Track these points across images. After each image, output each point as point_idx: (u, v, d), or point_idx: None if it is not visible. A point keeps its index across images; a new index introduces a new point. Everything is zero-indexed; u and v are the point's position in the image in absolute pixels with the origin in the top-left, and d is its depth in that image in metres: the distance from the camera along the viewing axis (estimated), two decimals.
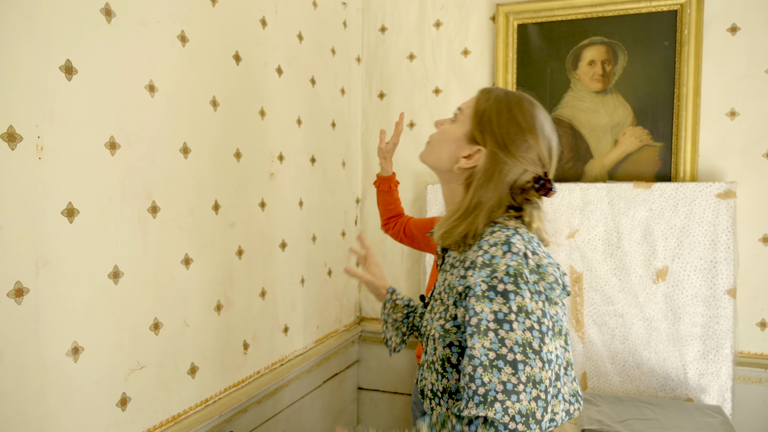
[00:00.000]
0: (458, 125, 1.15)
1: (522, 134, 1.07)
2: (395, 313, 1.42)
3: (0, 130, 1.30)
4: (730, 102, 2.46)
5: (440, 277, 1.16)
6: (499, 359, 0.94)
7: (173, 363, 1.82)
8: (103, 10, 1.54)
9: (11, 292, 1.33)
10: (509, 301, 0.95)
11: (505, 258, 0.98)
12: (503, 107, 1.09)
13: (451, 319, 1.06)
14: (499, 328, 0.95)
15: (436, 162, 1.17)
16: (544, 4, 2.64)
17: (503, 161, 1.07)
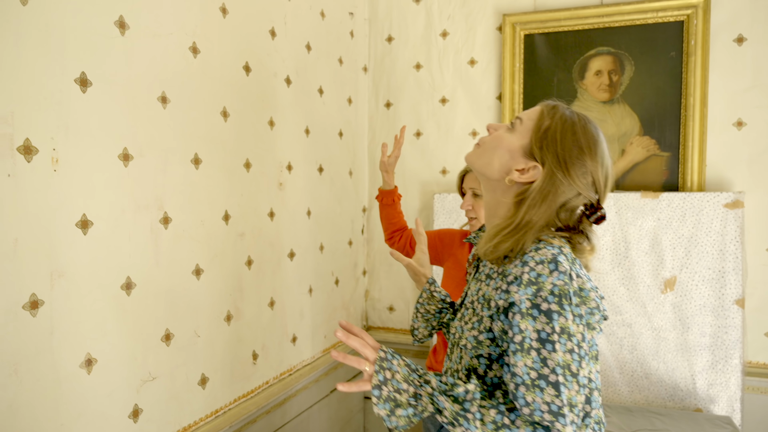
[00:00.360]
0: (516, 136, 1.12)
1: (582, 157, 1.05)
2: (429, 304, 1.41)
3: (17, 143, 1.30)
4: (737, 112, 2.47)
5: (473, 285, 1.15)
6: (540, 379, 0.93)
7: (184, 374, 1.81)
8: (117, 22, 1.55)
9: (26, 304, 1.33)
10: (552, 321, 0.95)
11: (551, 277, 0.97)
12: (568, 127, 1.07)
13: (485, 331, 1.05)
14: (542, 348, 0.94)
15: (485, 168, 1.14)
16: (551, 15, 2.66)
17: (560, 182, 1.05)
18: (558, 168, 1.05)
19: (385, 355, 1.02)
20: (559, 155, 1.05)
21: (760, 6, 2.41)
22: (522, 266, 1.00)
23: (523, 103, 2.74)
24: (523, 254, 1.03)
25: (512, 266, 1.03)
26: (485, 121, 2.85)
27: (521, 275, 0.99)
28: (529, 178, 1.09)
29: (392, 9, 2.99)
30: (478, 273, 1.17)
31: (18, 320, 1.31)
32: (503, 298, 1.01)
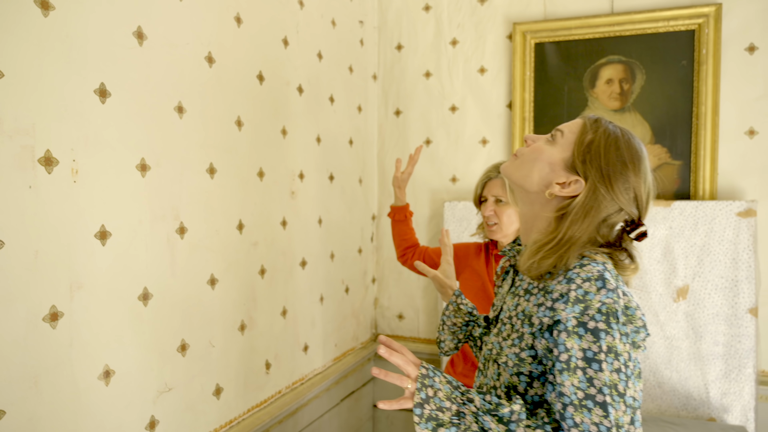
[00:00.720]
0: (557, 148, 1.10)
1: (626, 172, 1.04)
2: (456, 317, 1.39)
3: (38, 154, 1.30)
4: (748, 121, 2.46)
5: (510, 300, 1.13)
6: (587, 399, 0.92)
7: (199, 384, 1.81)
8: (135, 33, 1.55)
9: (47, 316, 1.32)
10: (599, 340, 0.93)
11: (599, 294, 0.95)
12: (612, 142, 1.05)
13: (527, 348, 1.04)
14: (588, 367, 0.93)
15: (524, 180, 1.12)
16: (561, 23, 2.66)
17: (602, 197, 1.03)
18: (601, 183, 1.03)
19: (427, 372, 1.01)
20: (602, 170, 1.03)
21: None
22: (567, 283, 0.99)
23: (534, 112, 2.74)
24: (567, 270, 1.01)
25: (555, 282, 1.01)
26: (495, 129, 2.85)
27: (568, 292, 0.97)
28: (571, 193, 1.07)
29: (402, 17, 2.99)
30: (514, 287, 1.15)
31: (38, 332, 1.30)
32: (548, 315, 0.99)
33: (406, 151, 3.02)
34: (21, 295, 1.26)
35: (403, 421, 3.05)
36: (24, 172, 1.27)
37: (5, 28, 1.23)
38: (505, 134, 2.84)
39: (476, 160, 2.89)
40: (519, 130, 2.75)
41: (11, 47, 1.24)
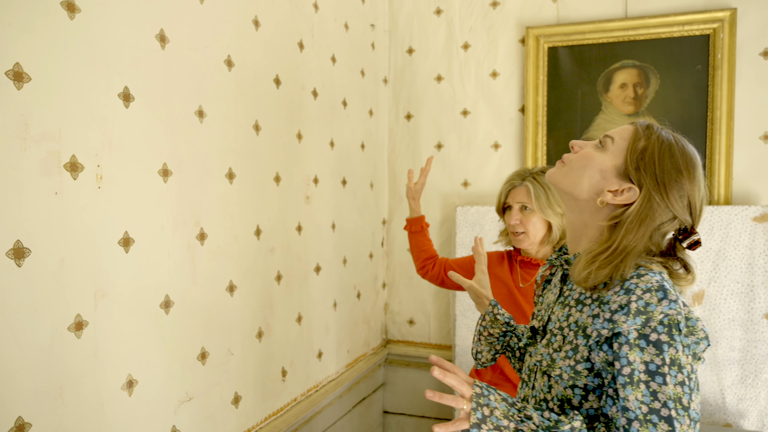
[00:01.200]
0: (608, 155, 1.08)
1: (680, 180, 1.02)
2: (493, 327, 1.36)
3: (64, 160, 1.27)
4: (763, 125, 2.46)
5: (559, 310, 1.10)
6: (652, 413, 0.90)
7: (219, 393, 1.78)
8: (158, 36, 1.53)
9: (72, 325, 1.29)
10: (663, 352, 0.92)
11: (660, 306, 0.93)
12: (666, 148, 1.03)
13: (582, 361, 1.01)
14: (651, 380, 0.91)
15: (573, 187, 1.10)
16: (575, 28, 2.65)
17: (657, 205, 1.01)
18: (656, 191, 1.01)
19: (481, 391, 0.98)
20: (657, 177, 1.01)
21: None
22: (626, 294, 0.96)
23: (547, 116, 2.72)
24: (623, 280, 0.99)
25: (611, 293, 0.99)
26: (507, 133, 2.84)
27: (628, 304, 0.95)
28: (624, 201, 1.05)
29: (413, 21, 2.98)
30: (563, 297, 1.12)
31: (64, 342, 1.27)
32: (606, 327, 0.97)
33: (417, 156, 3.00)
34: (47, 304, 1.23)
35: (414, 427, 3.03)
36: (50, 178, 1.24)
37: (32, 30, 1.20)
38: (517, 138, 2.82)
39: (488, 165, 2.88)
40: (532, 135, 2.74)
41: (38, 50, 1.21)
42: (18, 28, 1.17)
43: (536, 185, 1.85)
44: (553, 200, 1.83)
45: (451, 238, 2.92)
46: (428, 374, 3.00)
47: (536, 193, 1.83)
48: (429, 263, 2.14)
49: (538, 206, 1.82)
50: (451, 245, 2.92)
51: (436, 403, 2.99)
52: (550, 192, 1.84)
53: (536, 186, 1.85)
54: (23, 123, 1.18)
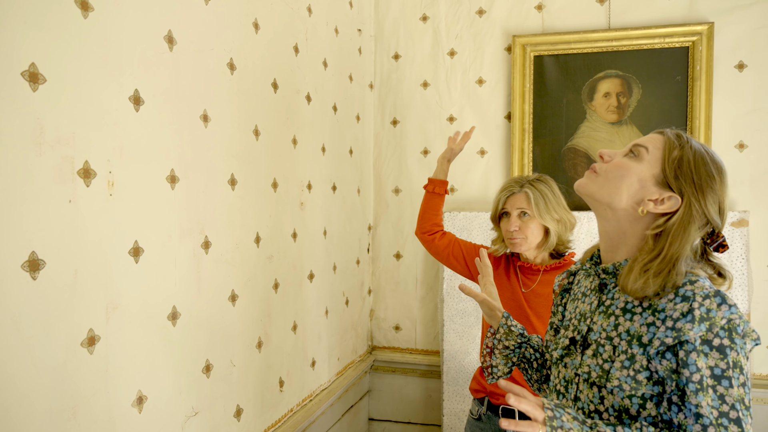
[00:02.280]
0: (645, 164, 1.09)
1: (714, 185, 1.05)
2: (508, 340, 1.35)
3: (77, 166, 1.21)
4: (739, 135, 2.58)
5: (603, 320, 1.10)
6: (722, 417, 0.93)
7: (222, 406, 1.72)
8: (166, 37, 1.48)
9: (84, 340, 1.22)
10: (726, 356, 0.94)
11: (720, 311, 0.95)
12: (700, 156, 1.06)
13: (642, 370, 1.02)
14: (718, 384, 0.94)
15: (611, 197, 1.10)
16: (560, 37, 2.71)
17: (697, 211, 1.04)
18: (695, 198, 1.04)
19: (553, 414, 0.97)
20: (696, 184, 1.04)
21: (759, 35, 2.54)
22: (685, 301, 0.98)
23: (533, 123, 2.77)
24: (676, 287, 1.01)
25: (665, 301, 1.01)
26: (494, 140, 2.87)
27: (690, 311, 0.97)
28: (666, 209, 1.06)
29: (399, 27, 2.98)
30: (604, 306, 1.12)
31: (77, 358, 1.21)
32: (670, 336, 0.98)
33: (403, 161, 3.00)
34: (62, 318, 1.17)
35: None
36: (64, 185, 1.18)
37: (47, 28, 1.14)
38: (503, 145, 2.86)
39: (474, 171, 2.90)
40: (518, 142, 2.78)
41: (52, 49, 1.15)
42: (33, 27, 1.10)
43: (535, 192, 1.87)
44: (551, 207, 1.86)
45: None
46: (414, 380, 3.00)
47: (536, 200, 1.86)
48: (437, 230, 2.10)
49: (537, 212, 1.84)
50: None
51: (423, 409, 2.99)
52: (548, 199, 1.86)
53: (535, 192, 1.87)
54: (38, 127, 1.11)
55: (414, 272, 2.99)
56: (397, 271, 3.02)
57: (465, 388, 2.76)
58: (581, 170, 2.72)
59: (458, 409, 2.78)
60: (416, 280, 2.99)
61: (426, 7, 2.94)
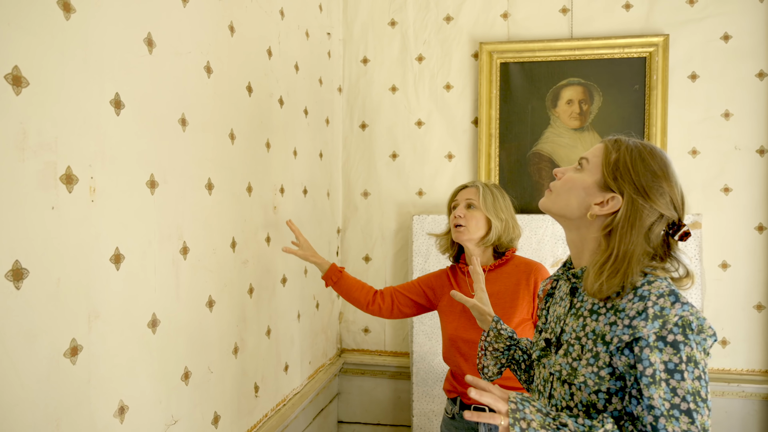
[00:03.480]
0: (586, 174, 1.17)
1: (657, 180, 1.11)
2: (497, 342, 1.41)
3: (60, 172, 1.17)
4: (692, 142, 2.72)
5: (574, 321, 1.16)
6: (674, 408, 0.98)
7: (200, 414, 1.70)
8: (146, 39, 1.45)
9: (67, 351, 1.19)
10: (679, 351, 1.00)
11: (674, 308, 1.02)
12: (636, 155, 1.13)
13: (605, 366, 1.08)
14: (671, 378, 0.99)
15: (565, 209, 1.19)
16: (525, 45, 2.79)
17: (641, 206, 1.10)
18: (637, 194, 1.10)
19: (516, 406, 1.02)
20: (635, 181, 1.11)
21: (710, 47, 2.69)
22: (642, 300, 1.04)
23: (499, 129, 2.84)
24: (634, 288, 1.07)
25: (625, 301, 1.07)
26: (461, 144, 2.93)
27: (645, 310, 1.03)
28: (611, 209, 1.13)
29: (368, 31, 3.00)
30: (574, 308, 1.19)
31: (60, 369, 1.17)
32: (627, 333, 1.04)
33: (371, 165, 3.02)
34: (45, 328, 1.13)
35: None
36: (47, 191, 1.14)
37: (30, 30, 1.10)
38: (470, 149, 2.92)
39: (442, 174, 2.95)
40: (485, 146, 2.85)
41: (36, 52, 1.11)
42: (16, 28, 1.07)
43: (485, 188, 1.98)
44: (498, 206, 1.95)
45: (406, 245, 2.97)
46: (383, 381, 3.02)
47: (484, 194, 1.96)
48: (376, 298, 2.08)
49: (483, 204, 1.92)
50: (407, 253, 2.97)
51: (392, 410, 3.02)
52: (497, 198, 1.96)
53: (485, 189, 1.98)
54: (22, 132, 1.08)
55: (383, 275, 3.02)
56: (367, 273, 3.04)
57: (434, 389, 2.81)
58: (545, 174, 2.81)
59: (428, 409, 2.82)
60: (385, 282, 3.02)
61: (394, 13, 2.97)
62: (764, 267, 2.69)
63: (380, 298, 2.08)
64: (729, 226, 2.70)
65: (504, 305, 1.88)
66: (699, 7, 2.69)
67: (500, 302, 1.88)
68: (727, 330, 2.72)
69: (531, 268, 1.91)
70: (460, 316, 1.95)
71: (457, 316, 1.95)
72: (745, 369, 2.72)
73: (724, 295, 2.71)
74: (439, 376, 2.81)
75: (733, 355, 2.73)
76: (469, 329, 1.89)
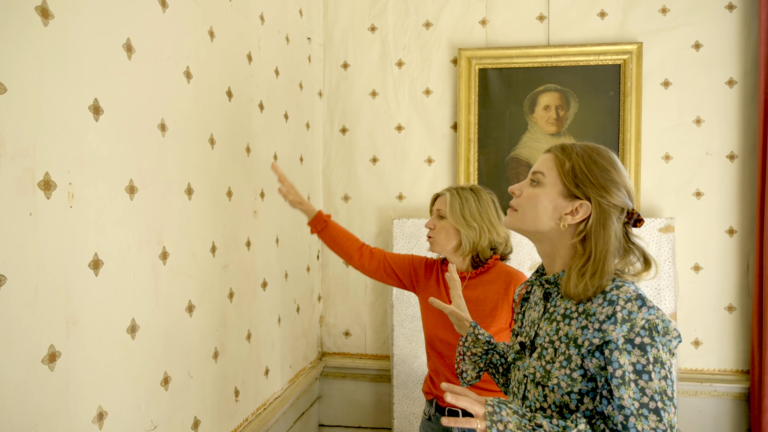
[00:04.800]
0: (547, 187, 1.20)
1: (612, 176, 1.16)
2: (475, 347, 1.43)
3: (37, 178, 1.17)
4: (665, 147, 2.79)
5: (547, 325, 1.19)
6: (643, 407, 1.02)
7: (180, 419, 1.70)
8: (125, 45, 1.45)
9: (45, 357, 1.19)
10: (647, 353, 1.03)
11: (641, 312, 1.05)
12: (588, 159, 1.17)
13: (577, 369, 1.11)
14: (639, 379, 1.03)
15: (535, 225, 1.21)
16: (503, 52, 2.84)
17: (607, 206, 1.14)
18: (601, 195, 1.15)
19: (493, 409, 1.04)
20: (595, 184, 1.15)
21: (682, 55, 2.76)
22: (611, 305, 1.08)
23: (478, 133, 2.88)
24: (605, 293, 1.10)
25: (596, 306, 1.10)
26: (441, 148, 2.96)
27: (614, 314, 1.06)
28: (582, 216, 1.17)
29: (348, 36, 3.02)
30: (548, 313, 1.22)
31: (38, 375, 1.17)
32: (597, 336, 1.08)
33: (352, 169, 3.04)
34: (23, 334, 1.13)
35: None
36: (25, 197, 1.14)
37: (7, 36, 1.10)
38: (450, 154, 2.96)
39: (422, 179, 2.98)
40: (464, 151, 2.88)
41: (13, 57, 1.11)
42: None
43: (454, 196, 1.91)
44: (467, 213, 1.88)
45: (387, 249, 2.99)
46: (364, 384, 3.04)
47: (451, 202, 1.90)
48: (363, 252, 2.05)
49: (451, 214, 1.88)
50: None
51: (373, 413, 3.03)
52: (468, 205, 1.89)
53: (453, 196, 1.91)
54: None
55: (363, 278, 3.03)
56: (347, 277, 3.05)
57: (415, 391, 2.83)
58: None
59: (408, 412, 2.84)
60: (366, 285, 3.03)
61: (374, 18, 3.00)
62: (735, 269, 2.76)
63: (368, 256, 2.06)
64: (701, 229, 2.77)
65: (482, 313, 1.87)
66: (671, 16, 2.76)
67: (479, 310, 1.88)
68: (699, 331, 2.78)
69: (511, 278, 1.88)
70: (439, 314, 1.94)
71: (436, 314, 1.94)
72: (717, 369, 2.79)
73: (697, 296, 2.78)
74: (419, 378, 2.83)
75: (705, 355, 2.79)
76: (446, 329, 1.89)
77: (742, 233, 2.75)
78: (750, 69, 2.70)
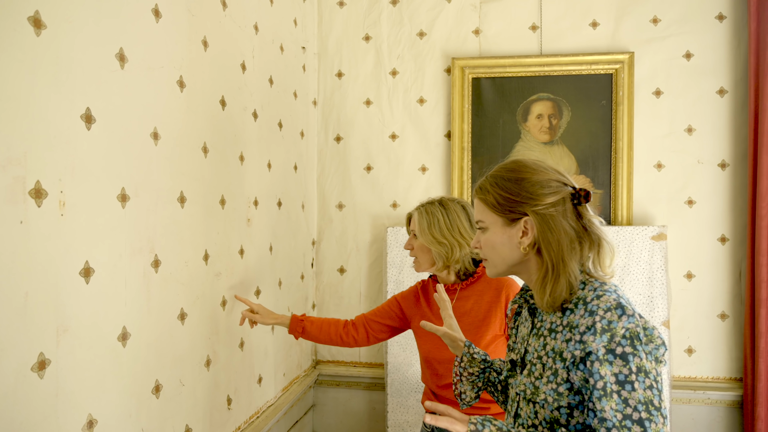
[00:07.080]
0: (492, 226, 1.23)
1: (531, 182, 1.17)
2: (472, 367, 1.43)
3: (29, 186, 1.18)
4: (657, 155, 2.80)
5: (536, 341, 1.20)
6: (626, 419, 1.01)
7: (171, 427, 1.70)
8: (117, 54, 1.47)
9: (35, 365, 1.19)
10: (629, 363, 1.03)
11: (621, 321, 1.05)
12: (501, 181, 1.20)
13: (563, 382, 1.11)
14: (621, 389, 1.02)
15: (506, 262, 1.23)
16: (496, 61, 2.86)
17: (544, 209, 1.15)
18: (531, 204, 1.16)
19: (476, 427, 1.05)
20: (520, 200, 1.17)
21: (673, 65, 2.78)
22: (591, 316, 1.08)
23: (471, 142, 2.90)
24: (586, 303, 1.11)
25: (578, 317, 1.11)
26: (434, 157, 2.98)
27: (593, 325, 1.06)
28: (532, 231, 1.18)
29: (342, 45, 3.04)
30: (536, 329, 1.22)
31: (27, 383, 1.17)
32: (579, 348, 1.08)
33: (346, 177, 3.05)
34: (12, 342, 1.13)
35: None
36: (15, 205, 1.15)
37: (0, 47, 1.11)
38: (443, 162, 2.97)
39: (416, 187, 2.99)
40: (458, 159, 2.90)
41: (6, 67, 1.13)
42: None
43: (422, 214, 1.90)
44: (436, 231, 1.86)
45: (381, 257, 2.99)
46: (358, 393, 3.04)
47: (419, 220, 1.90)
48: (349, 330, 2.06)
49: (419, 231, 1.88)
50: (381, 264, 2.99)
51: (367, 421, 3.03)
52: (436, 221, 1.87)
53: (421, 215, 1.90)
54: None
55: (358, 286, 3.04)
56: (341, 285, 3.06)
57: (409, 400, 2.83)
58: None
59: (402, 420, 2.84)
60: (360, 294, 3.04)
61: (369, 27, 3.02)
62: (727, 277, 2.77)
63: (353, 330, 2.06)
64: (693, 237, 2.79)
65: (476, 323, 1.87)
66: (662, 26, 2.79)
67: (473, 320, 1.87)
68: (692, 338, 2.79)
69: (502, 284, 1.89)
70: (432, 337, 1.93)
71: (430, 337, 1.93)
72: (711, 376, 2.80)
73: (690, 304, 2.78)
74: (414, 386, 2.83)
75: (698, 363, 2.80)
76: (442, 349, 1.86)
77: (734, 241, 2.76)
78: (740, 78, 2.73)
